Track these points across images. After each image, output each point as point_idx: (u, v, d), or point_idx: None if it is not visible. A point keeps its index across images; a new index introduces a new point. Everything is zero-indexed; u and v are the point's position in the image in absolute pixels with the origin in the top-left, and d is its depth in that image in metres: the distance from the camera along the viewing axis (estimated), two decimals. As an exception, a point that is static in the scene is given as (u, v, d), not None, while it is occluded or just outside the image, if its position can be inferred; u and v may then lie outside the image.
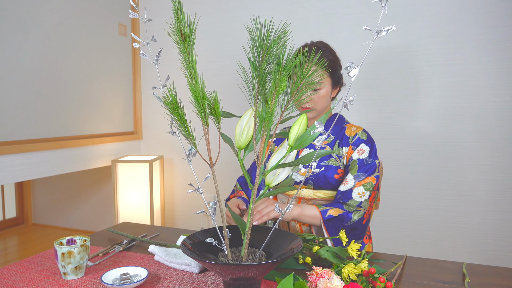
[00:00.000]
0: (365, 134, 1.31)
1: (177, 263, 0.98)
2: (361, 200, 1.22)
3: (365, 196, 1.23)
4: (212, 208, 0.75)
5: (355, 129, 1.33)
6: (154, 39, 0.76)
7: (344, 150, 1.30)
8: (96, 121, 2.39)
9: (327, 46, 1.33)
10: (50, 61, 2.05)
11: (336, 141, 1.32)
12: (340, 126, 1.35)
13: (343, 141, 1.31)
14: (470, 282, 0.89)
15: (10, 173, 1.82)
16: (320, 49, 1.28)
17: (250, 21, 0.70)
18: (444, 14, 1.93)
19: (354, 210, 1.21)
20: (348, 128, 1.34)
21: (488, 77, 1.89)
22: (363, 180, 1.24)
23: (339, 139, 1.32)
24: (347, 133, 1.32)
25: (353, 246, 0.92)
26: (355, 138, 1.30)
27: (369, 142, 1.30)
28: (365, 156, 1.27)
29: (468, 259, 1.94)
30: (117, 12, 2.51)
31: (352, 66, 0.68)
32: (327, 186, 1.30)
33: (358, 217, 1.22)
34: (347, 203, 1.22)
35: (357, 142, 1.29)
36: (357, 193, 1.22)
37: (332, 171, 1.29)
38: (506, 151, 1.88)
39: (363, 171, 1.25)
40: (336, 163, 1.30)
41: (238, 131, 0.79)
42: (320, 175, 1.29)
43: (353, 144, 1.29)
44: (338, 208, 1.20)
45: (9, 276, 0.94)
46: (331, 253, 0.95)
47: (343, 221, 1.20)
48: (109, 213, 3.15)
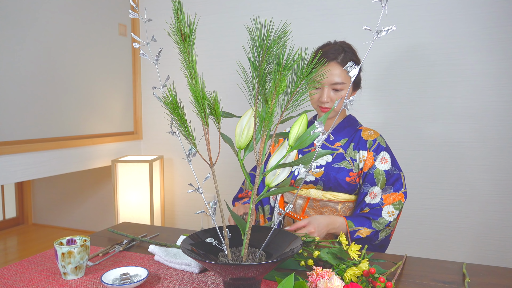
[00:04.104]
0: (384, 141, 1.30)
1: (177, 263, 0.98)
2: (390, 219, 1.22)
3: (394, 215, 1.22)
4: (212, 208, 0.75)
5: (372, 133, 1.30)
6: (154, 39, 0.76)
7: (361, 153, 1.27)
8: (96, 121, 2.39)
9: (350, 47, 1.31)
10: (50, 61, 2.05)
11: (351, 144, 1.29)
12: (354, 128, 1.33)
13: (360, 144, 1.29)
14: (470, 282, 0.89)
15: (10, 173, 1.82)
16: (344, 50, 1.27)
17: (250, 21, 0.70)
18: (444, 14, 1.93)
19: (382, 229, 1.21)
20: (364, 131, 1.31)
21: (488, 77, 1.89)
22: (391, 195, 1.23)
23: (354, 141, 1.30)
24: (363, 136, 1.30)
25: (353, 247, 0.91)
26: (375, 144, 1.28)
27: (389, 150, 1.29)
28: (389, 166, 1.26)
29: (468, 259, 1.94)
30: (117, 12, 2.51)
31: (352, 66, 0.68)
32: (337, 188, 1.28)
33: (386, 235, 1.22)
34: (376, 221, 1.21)
35: (377, 148, 1.27)
36: (386, 212, 1.22)
37: (344, 174, 1.27)
38: (506, 151, 1.88)
39: (390, 183, 1.25)
40: (348, 165, 1.27)
41: (238, 131, 0.79)
42: (331, 176, 1.27)
43: (373, 150, 1.27)
44: (367, 228, 1.20)
45: (9, 276, 0.94)
46: (332, 255, 0.94)
47: (370, 241, 1.20)
48: (109, 213, 3.15)
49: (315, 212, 1.31)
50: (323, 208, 1.30)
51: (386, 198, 1.23)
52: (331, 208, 1.30)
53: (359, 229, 1.19)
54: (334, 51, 1.26)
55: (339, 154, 1.29)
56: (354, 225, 1.20)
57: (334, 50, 1.26)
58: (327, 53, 1.26)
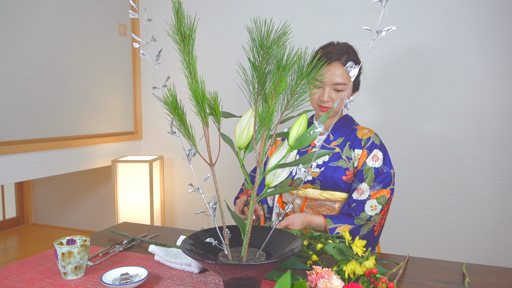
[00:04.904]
0: (378, 139, 1.30)
1: (177, 263, 0.98)
2: (371, 214, 1.21)
3: (376, 209, 1.22)
4: (212, 208, 0.75)
5: (367, 131, 1.31)
6: (154, 39, 0.76)
7: (356, 152, 1.28)
8: (96, 121, 2.39)
9: (352, 49, 1.31)
10: (50, 61, 2.05)
11: (347, 143, 1.31)
12: (351, 128, 1.34)
13: (355, 143, 1.30)
14: (470, 282, 0.89)
15: (10, 173, 1.82)
16: (347, 51, 1.28)
17: (250, 21, 0.70)
18: (444, 14, 1.93)
19: (364, 224, 1.21)
20: (360, 130, 1.32)
21: (488, 77, 1.89)
22: (378, 192, 1.23)
23: (350, 140, 1.31)
24: (359, 135, 1.31)
25: (357, 243, 0.89)
26: (369, 142, 1.28)
27: (382, 148, 1.29)
28: (380, 164, 1.26)
29: (468, 259, 1.94)
30: (117, 12, 2.51)
31: (352, 66, 0.68)
32: (334, 187, 1.28)
33: (367, 230, 1.21)
34: (358, 217, 1.21)
35: (371, 146, 1.28)
36: (369, 205, 1.22)
37: (341, 172, 1.27)
38: (506, 151, 1.88)
39: (378, 181, 1.24)
40: (345, 164, 1.28)
41: (238, 131, 0.79)
42: (328, 175, 1.28)
43: (367, 148, 1.28)
44: (348, 225, 1.20)
45: (9, 276, 0.94)
46: (337, 250, 0.93)
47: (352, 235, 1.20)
48: (109, 213, 3.15)
49: (313, 211, 1.32)
50: (321, 207, 1.30)
51: (373, 195, 1.23)
52: (329, 207, 1.30)
53: (338, 225, 1.19)
54: (338, 51, 1.27)
55: (335, 153, 1.30)
56: (333, 222, 1.20)
57: (338, 50, 1.27)
58: (330, 53, 1.26)
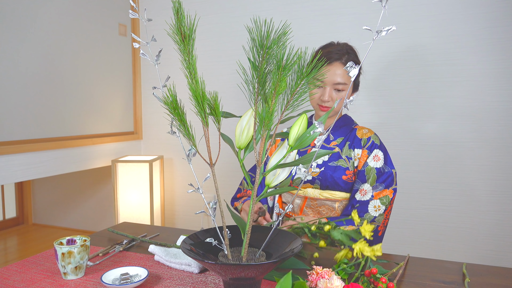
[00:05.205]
0: (378, 139, 1.30)
1: (177, 263, 0.98)
2: (375, 215, 1.21)
3: (380, 210, 1.22)
4: (212, 208, 0.75)
5: (366, 131, 1.31)
6: (154, 39, 0.76)
7: (355, 152, 1.29)
8: (96, 121, 2.39)
9: (353, 50, 1.32)
10: (50, 61, 2.05)
11: (346, 142, 1.31)
12: (350, 127, 1.34)
13: (354, 143, 1.30)
14: (470, 282, 0.89)
15: (10, 173, 1.82)
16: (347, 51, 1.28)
17: (250, 21, 0.70)
18: (444, 14, 1.93)
19: None
20: (359, 130, 1.32)
21: (488, 77, 1.89)
22: (381, 192, 1.23)
23: (349, 140, 1.31)
24: (358, 135, 1.31)
25: (366, 227, 0.89)
26: (369, 142, 1.28)
27: (382, 148, 1.29)
28: (381, 164, 1.26)
29: (468, 259, 1.94)
30: (117, 12, 2.51)
31: (352, 66, 0.68)
32: (334, 187, 1.29)
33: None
34: (362, 218, 1.21)
35: (371, 146, 1.28)
36: (373, 206, 1.22)
37: (340, 172, 1.27)
38: (506, 151, 1.88)
39: (380, 181, 1.24)
40: (345, 164, 1.28)
41: (238, 131, 0.79)
42: (328, 175, 1.28)
43: (367, 148, 1.28)
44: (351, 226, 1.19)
45: (9, 276, 0.94)
46: (345, 235, 0.93)
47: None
48: (109, 213, 3.15)
49: (313, 211, 1.32)
50: (320, 207, 1.31)
51: (376, 195, 1.23)
52: (329, 206, 1.30)
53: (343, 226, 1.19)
54: (338, 51, 1.27)
55: (335, 153, 1.30)
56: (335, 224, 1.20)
57: (338, 50, 1.27)
58: (331, 53, 1.26)
